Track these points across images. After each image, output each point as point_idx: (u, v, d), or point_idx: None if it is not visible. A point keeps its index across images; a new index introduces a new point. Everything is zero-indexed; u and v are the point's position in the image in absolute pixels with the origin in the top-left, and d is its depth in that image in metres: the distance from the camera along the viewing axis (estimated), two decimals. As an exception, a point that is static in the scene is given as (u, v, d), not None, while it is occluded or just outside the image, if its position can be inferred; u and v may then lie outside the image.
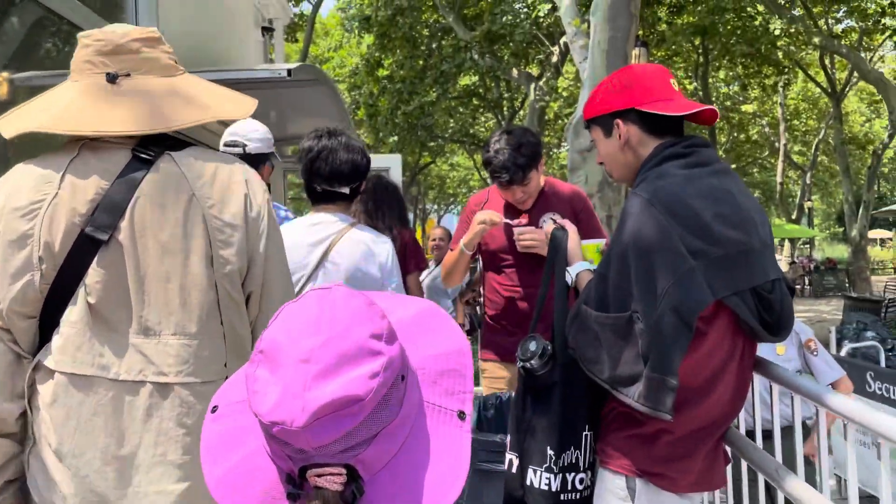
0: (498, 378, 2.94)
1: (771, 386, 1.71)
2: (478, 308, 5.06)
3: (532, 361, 1.66)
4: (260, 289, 1.56)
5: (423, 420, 0.82)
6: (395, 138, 17.10)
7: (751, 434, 1.91)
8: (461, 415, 0.83)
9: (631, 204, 1.56)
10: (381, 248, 2.42)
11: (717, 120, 1.78)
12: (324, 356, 0.74)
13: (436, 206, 38.04)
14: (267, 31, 7.18)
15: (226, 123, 3.44)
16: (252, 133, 2.96)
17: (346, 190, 2.41)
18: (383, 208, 3.72)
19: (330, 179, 2.37)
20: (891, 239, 37.37)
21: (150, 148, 1.48)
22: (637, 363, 1.46)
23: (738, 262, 1.50)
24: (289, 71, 4.25)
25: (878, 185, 25.88)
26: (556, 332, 1.73)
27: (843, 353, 6.63)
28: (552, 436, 1.63)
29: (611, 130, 1.72)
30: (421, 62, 15.93)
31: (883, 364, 6.84)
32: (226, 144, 2.94)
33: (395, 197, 3.73)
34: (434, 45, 15.80)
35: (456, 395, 0.85)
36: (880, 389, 4.77)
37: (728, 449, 1.73)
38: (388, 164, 6.69)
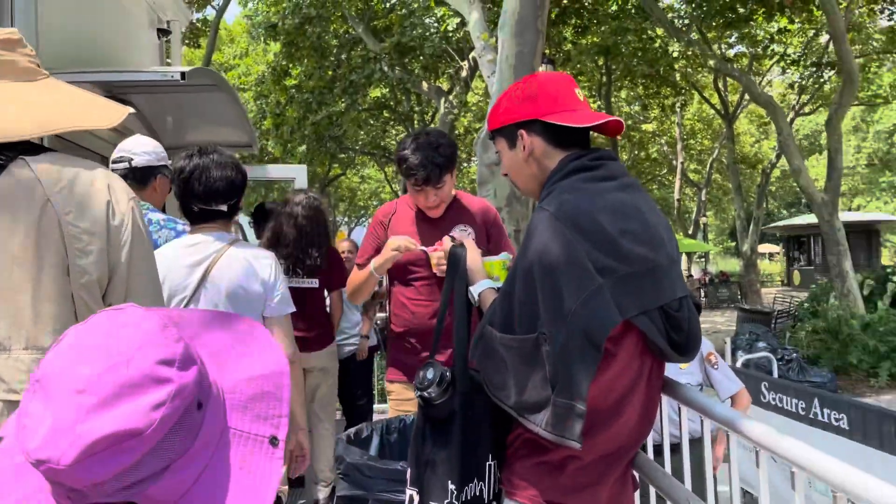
0: (405, 400, 2.81)
1: (680, 407, 1.66)
2: (377, 324, 4.94)
3: (430, 390, 1.55)
4: (123, 301, 1.46)
5: (227, 449, 0.77)
6: (304, 149, 16.77)
7: (657, 448, 1.87)
8: (273, 441, 0.79)
9: (536, 218, 1.47)
10: (263, 263, 2.39)
11: (620, 137, 1.74)
12: (101, 386, 0.67)
13: (346, 219, 37.62)
14: (164, 33, 6.81)
15: (121, 132, 3.22)
16: (138, 147, 2.85)
17: (223, 207, 2.36)
18: (311, 226, 3.82)
19: (206, 198, 2.31)
20: (778, 253, 39.69)
21: (3, 153, 1.38)
22: (545, 388, 1.37)
23: (646, 280, 1.44)
24: (183, 73, 4.00)
25: (766, 203, 27.44)
26: (456, 358, 1.62)
27: (738, 363, 6.92)
28: (453, 469, 1.52)
29: (515, 141, 1.64)
30: (330, 72, 15.69)
31: (776, 374, 7.19)
32: (112, 162, 2.81)
33: (321, 214, 3.86)
34: (343, 56, 15.60)
35: (269, 419, 0.80)
36: (774, 400, 4.94)
37: (636, 474, 1.66)
38: (293, 174, 6.48)
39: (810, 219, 23.54)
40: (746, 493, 4.43)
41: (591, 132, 1.64)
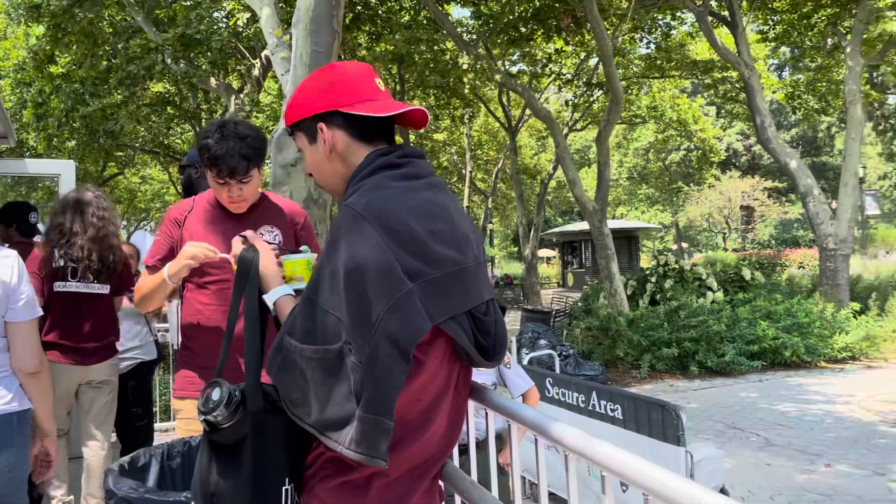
0: (196, 418, 2.54)
1: (487, 412, 1.64)
2: (158, 336, 4.53)
3: (216, 413, 1.37)
4: None
5: None
6: (74, 144, 15.12)
7: (462, 448, 1.86)
8: None
9: (342, 217, 1.36)
10: (2, 263, 2.15)
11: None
12: None
13: (125, 222, 34.61)
14: None
15: None
16: None
17: None
18: (106, 226, 3.50)
19: None
20: (555, 257, 42.96)
21: None
22: (349, 402, 1.27)
23: (454, 284, 1.39)
24: (-90, 46, 3.38)
25: (544, 211, 29.52)
26: (247, 373, 1.46)
27: (525, 361, 7.31)
28: (244, 499, 1.36)
29: (315, 136, 1.52)
30: (105, 62, 14.27)
31: (557, 370, 7.70)
32: None
33: (113, 213, 3.59)
34: (120, 45, 14.27)
35: None
36: (558, 394, 5.25)
37: (442, 484, 1.61)
38: (59, 170, 5.76)
39: (582, 226, 25.77)
40: (527, 480, 4.65)
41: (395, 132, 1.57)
